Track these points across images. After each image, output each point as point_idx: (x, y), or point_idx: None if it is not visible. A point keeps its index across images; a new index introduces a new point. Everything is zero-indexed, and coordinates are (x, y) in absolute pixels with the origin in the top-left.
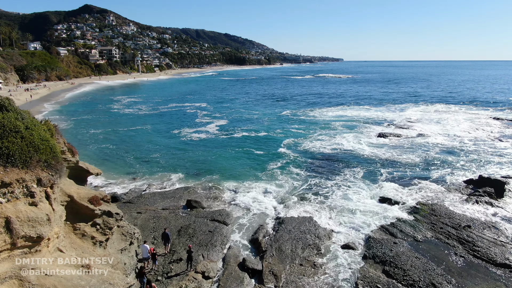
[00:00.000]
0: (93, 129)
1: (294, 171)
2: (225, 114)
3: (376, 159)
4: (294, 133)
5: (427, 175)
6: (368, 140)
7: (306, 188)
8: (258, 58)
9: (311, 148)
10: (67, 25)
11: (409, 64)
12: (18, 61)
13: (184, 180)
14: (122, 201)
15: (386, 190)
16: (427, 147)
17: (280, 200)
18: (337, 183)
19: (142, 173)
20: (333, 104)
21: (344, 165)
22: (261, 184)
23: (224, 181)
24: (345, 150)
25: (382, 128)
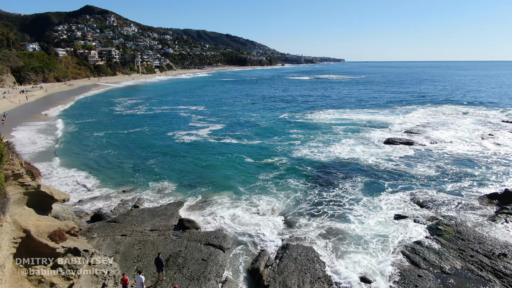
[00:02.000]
0: (96, 132)
1: (294, 184)
2: (221, 117)
3: (385, 170)
4: (293, 139)
5: (445, 188)
6: (374, 147)
7: (309, 204)
8: (259, 59)
9: (311, 156)
10: (67, 26)
11: (411, 64)
12: (15, 62)
13: (176, 192)
14: (106, 220)
15: (400, 206)
16: (441, 155)
17: (282, 219)
18: (343, 197)
19: (132, 183)
20: (334, 106)
21: (350, 176)
22: (259, 199)
23: (219, 195)
24: (350, 158)
25: (389, 133)
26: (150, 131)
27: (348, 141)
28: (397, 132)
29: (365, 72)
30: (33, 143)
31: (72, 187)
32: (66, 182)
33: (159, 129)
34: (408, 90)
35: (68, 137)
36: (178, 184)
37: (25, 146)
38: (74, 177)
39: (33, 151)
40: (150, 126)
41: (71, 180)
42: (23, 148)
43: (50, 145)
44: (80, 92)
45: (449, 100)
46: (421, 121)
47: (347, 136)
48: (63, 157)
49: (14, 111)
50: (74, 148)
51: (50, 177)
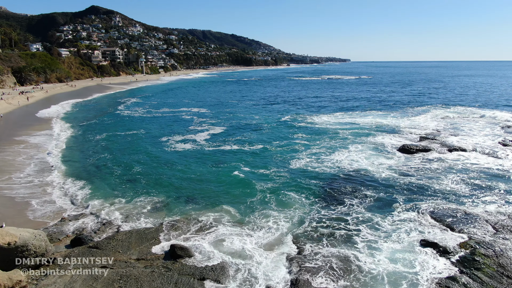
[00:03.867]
0: (96, 135)
1: (296, 198)
2: (223, 120)
3: (402, 183)
4: (296, 144)
5: (475, 206)
6: (387, 155)
7: (313, 226)
8: (264, 59)
9: (315, 166)
10: (73, 26)
11: (418, 64)
12: (16, 62)
13: (169, 209)
14: (88, 245)
15: (423, 228)
16: (463, 166)
17: (288, 244)
18: (354, 216)
19: (123, 197)
20: (341, 108)
21: (360, 190)
22: (258, 218)
23: (215, 214)
24: (360, 169)
25: (402, 138)
26: (147, 134)
27: (357, 148)
28: (411, 137)
29: (372, 72)
30: (25, 149)
31: (59, 200)
32: (51, 195)
33: (159, 132)
34: (418, 91)
35: (64, 142)
36: (171, 199)
37: (16, 154)
38: (61, 189)
39: (22, 159)
40: (150, 129)
41: (57, 193)
42: (15, 157)
43: (39, 151)
44: (83, 94)
45: (462, 102)
46: (435, 124)
47: (355, 142)
48: (56, 163)
49: (11, 114)
50: (68, 155)
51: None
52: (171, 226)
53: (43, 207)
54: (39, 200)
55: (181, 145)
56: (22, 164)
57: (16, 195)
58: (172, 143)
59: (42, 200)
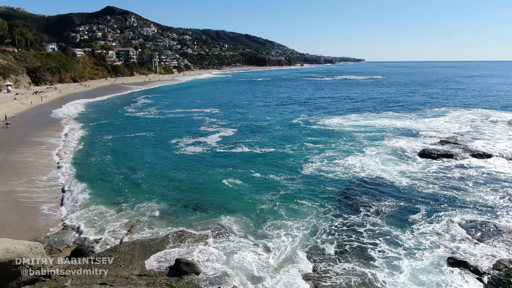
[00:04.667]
0: (106, 135)
1: (307, 207)
2: (234, 121)
3: (425, 192)
4: (309, 148)
5: (509, 221)
6: (407, 160)
7: (330, 237)
8: (278, 59)
9: (329, 172)
10: (89, 27)
11: (433, 64)
12: (32, 62)
13: (175, 216)
14: (88, 257)
15: (451, 244)
16: (490, 173)
17: (302, 260)
18: (370, 228)
19: (128, 203)
20: (355, 110)
21: (378, 199)
22: (268, 229)
23: (223, 223)
24: (377, 176)
25: (421, 141)
26: (157, 136)
27: (373, 152)
28: (430, 141)
29: (387, 72)
30: (32, 151)
31: (62, 206)
32: (56, 200)
33: (169, 134)
34: (434, 92)
35: (73, 144)
36: (179, 207)
37: (24, 154)
38: (66, 194)
39: (31, 161)
40: (161, 131)
41: (61, 198)
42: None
43: (50, 153)
44: (96, 94)
45: (482, 103)
46: (455, 127)
47: (372, 145)
48: (63, 166)
49: (24, 114)
50: (76, 158)
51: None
52: (178, 237)
53: (47, 213)
54: (43, 206)
55: (191, 148)
56: (28, 167)
57: (20, 199)
58: (181, 146)
59: (46, 206)
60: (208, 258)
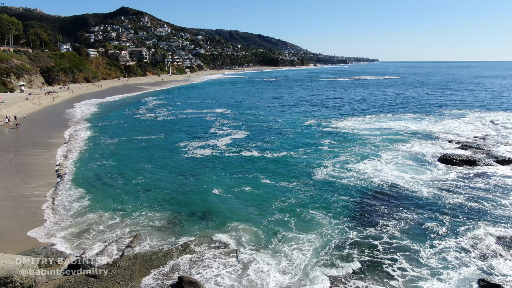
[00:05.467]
0: (113, 138)
1: (319, 218)
2: (245, 123)
3: (448, 203)
4: (322, 152)
5: None
6: (427, 166)
7: (345, 252)
8: (291, 59)
9: (342, 178)
10: (103, 27)
11: (449, 64)
12: (45, 62)
13: (180, 226)
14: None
15: (479, 262)
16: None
17: (317, 279)
18: (388, 242)
19: (131, 211)
20: (370, 112)
21: (397, 210)
22: (277, 244)
23: (232, 232)
24: (396, 184)
25: (439, 145)
26: (166, 139)
27: (390, 157)
28: (450, 145)
29: (401, 72)
30: (37, 153)
31: (62, 214)
32: (55, 208)
33: (178, 136)
34: (451, 93)
35: (79, 147)
36: (184, 215)
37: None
38: (67, 201)
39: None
40: (170, 133)
41: (61, 205)
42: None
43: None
44: (108, 94)
45: (502, 106)
46: (475, 130)
47: (388, 150)
48: (66, 171)
49: (35, 115)
50: (80, 162)
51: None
52: (182, 250)
53: (46, 221)
54: (43, 213)
55: (200, 151)
56: (33, 169)
57: (22, 204)
58: (190, 149)
59: (46, 213)
60: (214, 276)
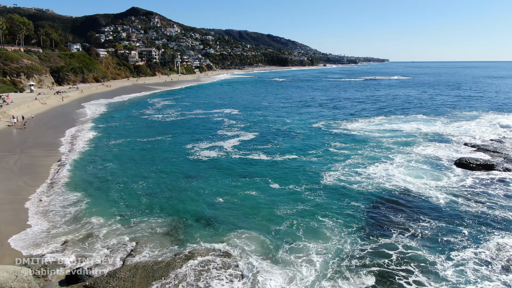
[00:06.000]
0: (113, 140)
1: (329, 227)
2: (253, 124)
3: (468, 211)
4: (333, 155)
5: None
6: (443, 171)
7: (357, 263)
8: (300, 59)
9: (353, 183)
10: (113, 27)
11: (461, 64)
12: (55, 62)
13: (184, 233)
14: (84, 284)
15: (508, 279)
16: None
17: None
18: (403, 253)
19: (131, 217)
20: (381, 113)
21: (412, 219)
22: (285, 256)
23: (238, 240)
24: (410, 190)
25: (456, 150)
26: (173, 140)
27: (403, 161)
28: (466, 148)
29: (412, 73)
30: (39, 155)
31: (61, 220)
32: (54, 213)
33: (185, 137)
34: (464, 93)
35: (82, 149)
36: (189, 221)
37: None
38: (66, 206)
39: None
40: (177, 134)
41: (60, 210)
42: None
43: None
44: (117, 94)
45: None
46: (491, 133)
47: (401, 153)
48: (66, 174)
49: (43, 115)
50: (82, 164)
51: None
52: (186, 259)
53: (44, 226)
54: (40, 218)
55: (206, 153)
56: (36, 171)
57: (22, 208)
58: (196, 151)
59: (44, 218)
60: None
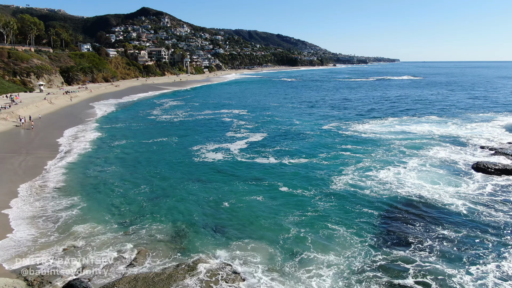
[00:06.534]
0: (117, 141)
1: (341, 236)
2: (262, 125)
3: (490, 220)
4: (343, 158)
5: None
6: (461, 176)
7: (371, 277)
8: (310, 59)
9: (367, 188)
10: (124, 28)
11: (473, 64)
12: (65, 62)
13: (187, 241)
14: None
15: None
16: None
17: None
18: (421, 267)
19: (131, 224)
20: (392, 114)
21: (430, 228)
22: (301, 267)
23: (245, 251)
24: (426, 196)
25: (472, 154)
26: (179, 141)
27: (417, 164)
28: (482, 152)
29: (423, 73)
30: (38, 157)
31: (58, 227)
32: (53, 218)
33: (192, 139)
34: (477, 94)
35: (84, 151)
36: (192, 228)
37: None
38: (64, 211)
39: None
40: (184, 136)
41: (58, 216)
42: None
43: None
44: (126, 94)
45: None
46: (508, 136)
47: (414, 156)
48: (64, 178)
49: (52, 115)
50: (83, 167)
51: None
52: (189, 270)
53: (32, 235)
54: (38, 223)
55: (213, 155)
56: (39, 173)
57: (15, 214)
58: (203, 153)
59: (41, 224)
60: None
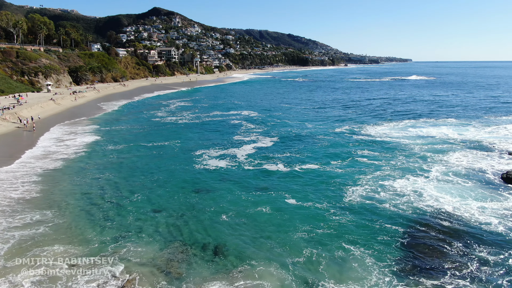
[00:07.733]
0: (115, 145)
1: (359, 258)
2: (271, 127)
3: None
4: (358, 166)
5: None
6: (492, 190)
7: None
8: (321, 58)
9: (386, 201)
10: (135, 27)
11: (488, 64)
12: (74, 62)
13: (185, 264)
14: None
15: None
16: None
17: None
18: None
19: (120, 244)
20: (408, 116)
21: (459, 251)
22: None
23: (251, 280)
24: (453, 212)
25: (499, 161)
26: (182, 146)
27: (440, 174)
28: (508, 158)
29: (437, 73)
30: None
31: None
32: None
33: (196, 143)
34: (496, 95)
35: (83, 153)
36: (191, 250)
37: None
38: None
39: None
40: (188, 139)
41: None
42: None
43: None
44: (134, 95)
45: None
46: None
47: (436, 163)
48: (56, 187)
49: (55, 116)
50: (79, 173)
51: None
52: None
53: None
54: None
55: (217, 162)
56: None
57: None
58: (205, 159)
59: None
60: None
